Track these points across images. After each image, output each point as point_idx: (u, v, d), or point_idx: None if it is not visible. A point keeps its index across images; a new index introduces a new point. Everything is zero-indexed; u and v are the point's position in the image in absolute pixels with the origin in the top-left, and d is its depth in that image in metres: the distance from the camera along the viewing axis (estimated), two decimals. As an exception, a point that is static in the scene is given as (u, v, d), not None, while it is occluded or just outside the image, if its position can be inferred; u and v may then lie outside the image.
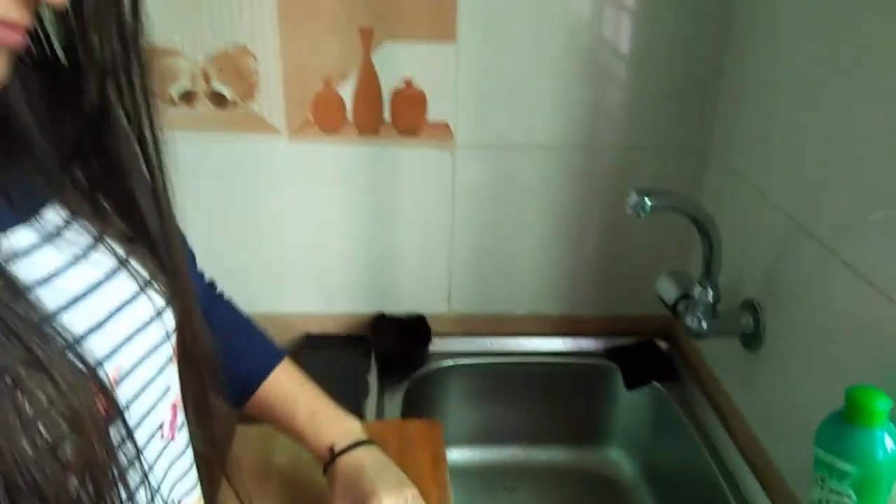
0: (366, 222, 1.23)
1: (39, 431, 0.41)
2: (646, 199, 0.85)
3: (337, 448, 0.79)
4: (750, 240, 1.02)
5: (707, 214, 0.93)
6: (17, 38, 0.42)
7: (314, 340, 1.29)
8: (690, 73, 1.13)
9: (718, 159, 1.15)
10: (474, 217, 1.22)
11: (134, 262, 0.54)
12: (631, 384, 1.24)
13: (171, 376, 0.57)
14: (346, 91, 1.13)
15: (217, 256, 0.86)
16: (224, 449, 0.72)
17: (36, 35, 0.47)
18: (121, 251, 0.53)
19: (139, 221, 0.55)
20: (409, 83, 1.12)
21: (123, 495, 0.47)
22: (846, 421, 0.66)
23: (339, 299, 1.28)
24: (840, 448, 0.66)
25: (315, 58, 1.10)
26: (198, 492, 0.62)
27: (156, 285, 0.55)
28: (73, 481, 0.43)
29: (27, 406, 0.41)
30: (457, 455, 1.29)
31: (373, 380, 1.19)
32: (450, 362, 1.27)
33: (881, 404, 0.64)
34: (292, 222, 1.22)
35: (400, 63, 1.10)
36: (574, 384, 1.30)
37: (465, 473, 1.28)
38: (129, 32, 0.48)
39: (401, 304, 1.29)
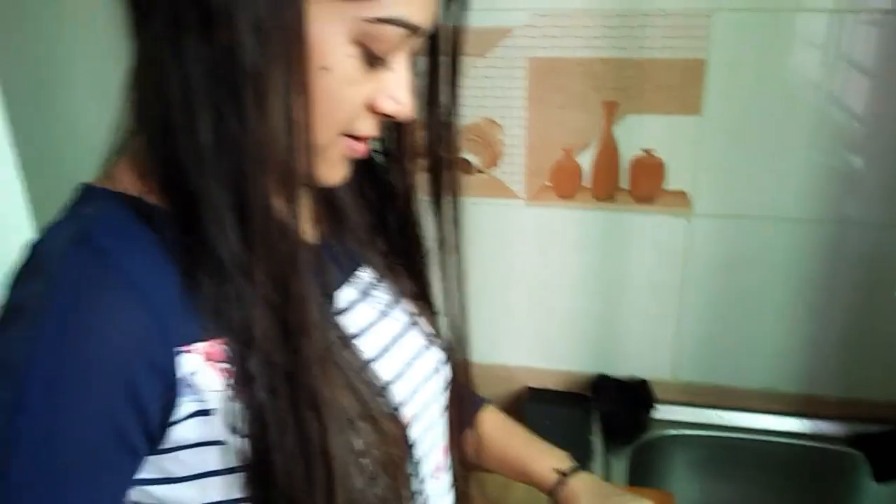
0: (593, 283, 1.26)
1: (362, 467, 0.48)
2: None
3: (562, 470, 0.79)
4: None
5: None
6: (366, 149, 0.51)
7: (535, 394, 1.33)
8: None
9: None
10: (706, 285, 1.22)
11: (421, 320, 0.61)
12: (881, 476, 1.14)
13: (444, 423, 0.64)
14: (585, 159, 1.18)
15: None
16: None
17: None
18: (413, 310, 0.61)
19: (428, 285, 0.62)
20: (649, 153, 1.15)
21: None
22: None
23: (561, 356, 1.32)
24: None
25: (558, 129, 1.17)
26: None
27: (438, 341, 0.62)
28: None
29: (355, 447, 0.48)
30: (681, 530, 1.26)
31: (596, 441, 1.21)
32: (676, 431, 1.25)
33: None
34: (522, 280, 1.28)
35: (641, 133, 1.14)
36: (812, 469, 1.22)
37: (689, 550, 1.24)
38: (445, 127, 0.55)
39: (621, 367, 1.30)
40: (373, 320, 0.56)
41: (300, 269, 0.45)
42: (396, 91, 0.48)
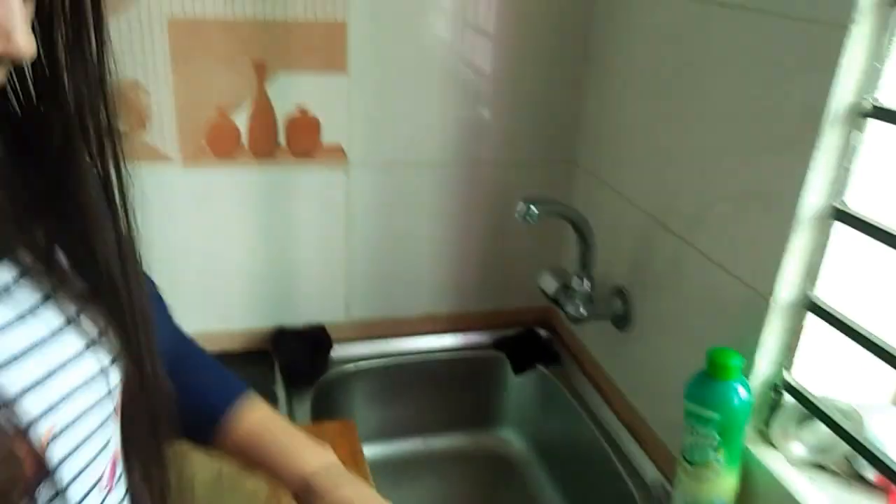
0: (262, 241, 1.28)
1: None
2: (531, 206, 0.99)
3: (310, 476, 0.76)
4: (616, 236, 1.18)
5: (581, 216, 1.08)
6: None
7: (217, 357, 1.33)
8: (553, 93, 1.29)
9: (584, 169, 1.31)
10: (368, 230, 1.32)
11: (84, 319, 0.54)
12: (518, 369, 1.38)
13: (112, 431, 0.58)
14: (241, 118, 1.18)
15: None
16: (173, 495, 0.73)
17: None
18: (71, 309, 0.53)
19: (99, 275, 0.55)
20: (303, 110, 1.19)
21: None
22: (708, 377, 0.82)
23: (237, 316, 1.33)
24: (704, 399, 0.83)
25: (208, 89, 1.15)
26: None
27: (105, 341, 0.55)
28: None
29: None
30: (364, 451, 1.37)
31: (279, 391, 1.25)
32: (351, 367, 1.35)
33: (735, 361, 0.81)
34: (186, 246, 1.25)
35: (294, 91, 1.18)
36: (466, 375, 1.42)
37: (372, 467, 1.37)
38: (94, 72, 0.50)
39: (300, 317, 1.35)
40: (3, 324, 0.49)
41: None
42: None
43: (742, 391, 0.82)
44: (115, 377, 0.57)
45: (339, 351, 1.35)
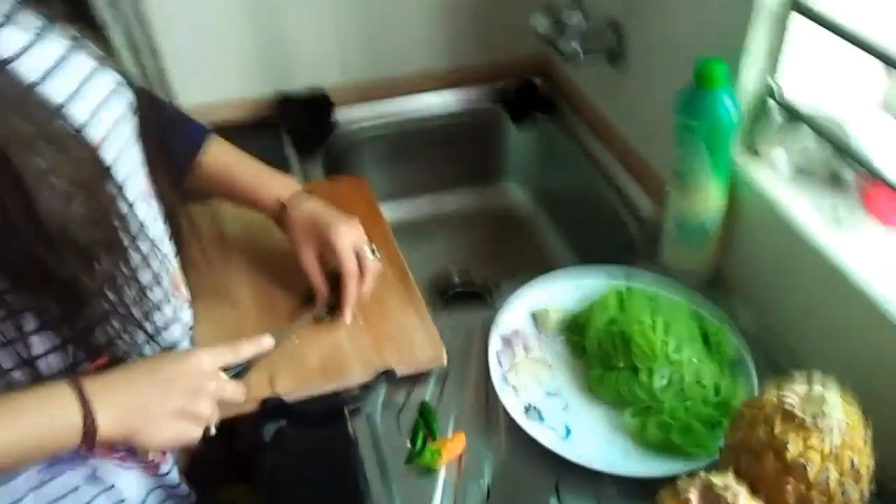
0: (252, 12, 1.26)
1: (54, 185, 0.49)
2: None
3: (285, 199, 0.88)
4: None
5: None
6: None
7: (223, 127, 1.35)
8: None
9: None
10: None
11: (86, 44, 0.59)
12: (516, 119, 1.40)
13: (139, 146, 0.64)
14: None
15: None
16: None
17: None
18: (71, 34, 0.58)
19: (84, 6, 0.60)
20: None
21: (128, 242, 0.57)
22: (696, 88, 0.84)
23: (238, 85, 1.33)
24: (693, 109, 0.84)
25: None
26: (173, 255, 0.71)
27: (108, 63, 0.61)
28: (87, 230, 0.52)
29: (42, 166, 0.49)
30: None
31: (290, 155, 1.29)
32: (356, 128, 1.37)
33: (720, 69, 0.82)
34: (184, 20, 1.23)
35: None
36: (468, 131, 1.44)
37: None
38: None
39: (299, 81, 1.35)
40: (26, 44, 0.53)
41: None
42: None
43: (728, 101, 0.84)
44: (130, 94, 0.62)
45: (342, 114, 1.36)
